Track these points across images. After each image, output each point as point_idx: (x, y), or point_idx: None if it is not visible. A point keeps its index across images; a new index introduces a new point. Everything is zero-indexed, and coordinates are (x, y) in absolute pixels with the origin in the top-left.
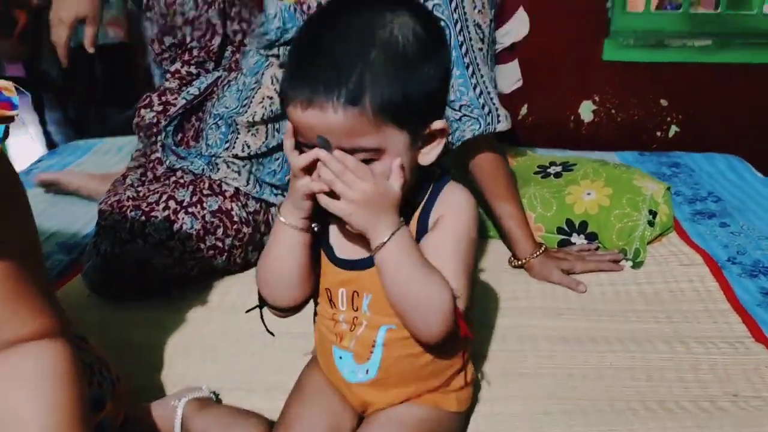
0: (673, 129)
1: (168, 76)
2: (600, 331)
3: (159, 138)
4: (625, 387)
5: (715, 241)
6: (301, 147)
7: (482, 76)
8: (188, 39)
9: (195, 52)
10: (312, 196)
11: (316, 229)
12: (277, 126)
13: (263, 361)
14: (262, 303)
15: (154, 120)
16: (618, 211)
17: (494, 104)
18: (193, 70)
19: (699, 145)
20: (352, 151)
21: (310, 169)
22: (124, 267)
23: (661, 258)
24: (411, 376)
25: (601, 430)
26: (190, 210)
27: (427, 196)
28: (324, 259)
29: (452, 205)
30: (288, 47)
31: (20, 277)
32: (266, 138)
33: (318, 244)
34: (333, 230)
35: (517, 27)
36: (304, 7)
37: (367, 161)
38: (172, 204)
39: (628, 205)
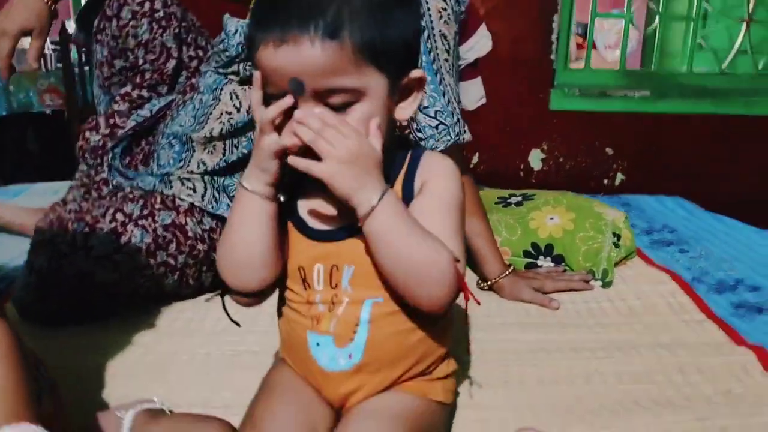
0: (619, 176)
1: (117, 98)
2: (580, 342)
3: (105, 159)
4: (614, 390)
5: (678, 264)
6: (269, 100)
7: (448, 85)
8: (141, 62)
9: (147, 75)
10: (281, 157)
11: (282, 199)
12: (235, 141)
13: (221, 380)
14: (225, 290)
15: (100, 143)
16: (582, 233)
17: (459, 115)
18: (144, 93)
19: (644, 190)
20: (329, 93)
21: (279, 127)
22: (62, 283)
23: (629, 278)
24: (398, 357)
25: (598, 430)
26: (140, 222)
27: (407, 163)
28: (295, 235)
29: (437, 170)
30: (249, 63)
31: None
32: (224, 154)
33: (283, 220)
34: (302, 201)
35: (481, 42)
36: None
37: (345, 105)
38: (119, 216)
39: (591, 228)
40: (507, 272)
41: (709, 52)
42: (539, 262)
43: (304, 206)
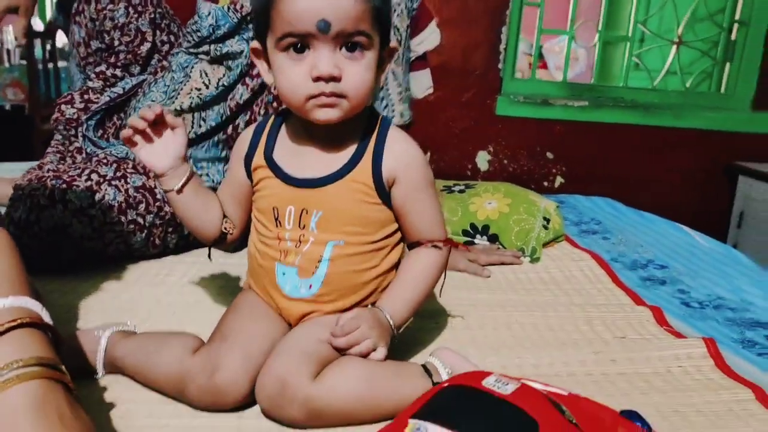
0: (558, 179)
1: (92, 76)
2: (505, 301)
3: (80, 130)
4: (529, 334)
5: (599, 248)
6: (286, 38)
7: (393, 72)
8: (116, 43)
9: (122, 56)
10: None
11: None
12: (203, 115)
13: (185, 320)
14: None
15: (75, 116)
16: (516, 216)
17: (391, 100)
18: (118, 72)
19: (580, 193)
20: (353, 34)
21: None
22: (39, 234)
23: (555, 256)
24: (351, 290)
25: (509, 359)
26: (113, 183)
27: (374, 137)
28: (272, 179)
29: (407, 160)
30: (219, 44)
31: None
32: (192, 126)
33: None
34: (279, 150)
35: (430, 37)
36: (237, 6)
37: (361, 48)
38: (95, 177)
39: (525, 212)
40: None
41: (645, 71)
42: (476, 241)
43: (280, 154)
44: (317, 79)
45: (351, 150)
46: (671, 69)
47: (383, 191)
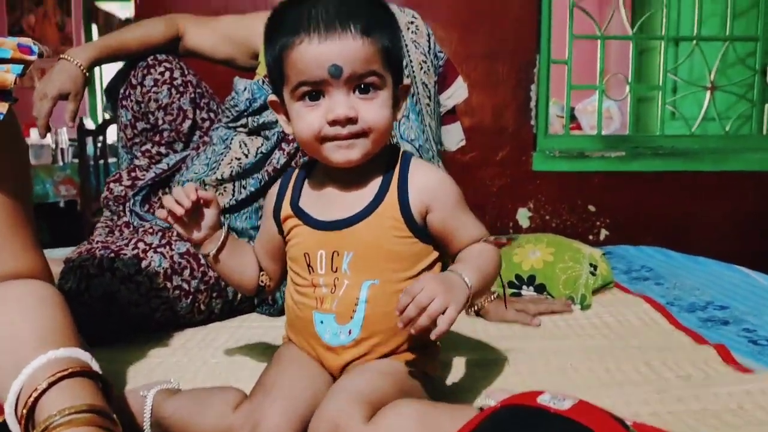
0: (603, 232)
1: (138, 154)
2: (558, 347)
3: (127, 205)
4: (585, 377)
5: (653, 293)
6: (301, 87)
7: (428, 126)
8: (160, 122)
9: (165, 134)
10: (178, 219)
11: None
12: (243, 183)
13: (230, 381)
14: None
15: (122, 193)
16: (562, 264)
17: (435, 152)
18: (162, 150)
19: (627, 244)
20: (365, 75)
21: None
22: (89, 302)
23: (607, 302)
24: (393, 332)
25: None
26: (159, 250)
27: (397, 171)
28: (301, 227)
29: (434, 186)
30: (257, 116)
31: (14, 212)
32: (233, 194)
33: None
34: (305, 198)
35: (458, 91)
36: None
37: (374, 88)
38: (141, 245)
39: (570, 260)
40: (492, 297)
41: (681, 120)
42: (523, 292)
43: (307, 202)
44: (333, 123)
45: (375, 187)
46: (708, 115)
47: (414, 224)
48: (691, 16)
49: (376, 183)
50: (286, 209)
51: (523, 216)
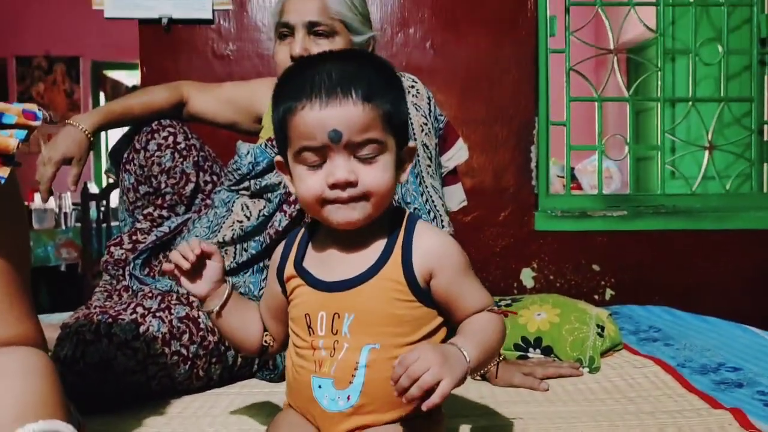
0: (609, 292)
1: (140, 218)
2: (567, 412)
3: (127, 269)
4: None
5: (663, 355)
6: (303, 153)
7: (428, 187)
8: (163, 186)
9: (168, 197)
10: (176, 276)
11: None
12: (245, 245)
13: None
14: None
15: (123, 256)
16: (568, 326)
17: (438, 211)
18: (164, 213)
19: (633, 304)
20: (364, 143)
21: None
22: (85, 370)
23: (616, 364)
24: (392, 400)
25: None
26: (157, 315)
27: (402, 234)
28: (302, 287)
29: (439, 252)
30: (259, 179)
31: (11, 280)
32: (234, 257)
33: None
34: (309, 258)
35: (458, 153)
36: (274, 142)
37: (373, 157)
38: (139, 310)
39: (576, 321)
40: (498, 360)
41: (681, 179)
42: (530, 354)
43: (310, 261)
44: (333, 186)
45: (379, 248)
46: (708, 174)
47: (417, 288)
48: (686, 78)
49: (380, 245)
50: (289, 269)
51: (527, 276)
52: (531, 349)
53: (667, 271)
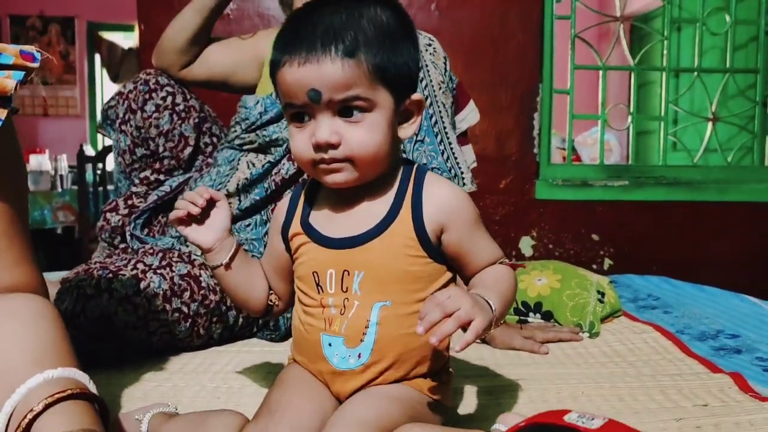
0: (607, 261)
1: (137, 182)
2: (569, 375)
3: (127, 229)
4: (599, 406)
5: (662, 321)
6: (288, 110)
7: (450, 144)
8: (161, 149)
9: (165, 162)
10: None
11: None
12: (247, 192)
13: (229, 405)
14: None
15: (120, 223)
16: (569, 291)
17: (460, 168)
18: (161, 177)
19: (632, 273)
20: (347, 100)
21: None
22: (85, 325)
23: (615, 330)
24: (405, 357)
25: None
26: (158, 271)
27: (411, 187)
28: (309, 244)
29: (452, 205)
30: (265, 130)
31: (10, 222)
32: (239, 204)
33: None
34: (315, 215)
35: (470, 114)
36: None
37: (360, 110)
38: (140, 266)
39: (577, 287)
40: (499, 323)
41: (683, 152)
42: (530, 319)
43: (316, 218)
44: (316, 147)
45: (387, 202)
46: (710, 146)
47: (428, 243)
48: (691, 49)
49: (388, 199)
50: (295, 226)
51: (526, 244)
52: (531, 314)
53: (667, 242)
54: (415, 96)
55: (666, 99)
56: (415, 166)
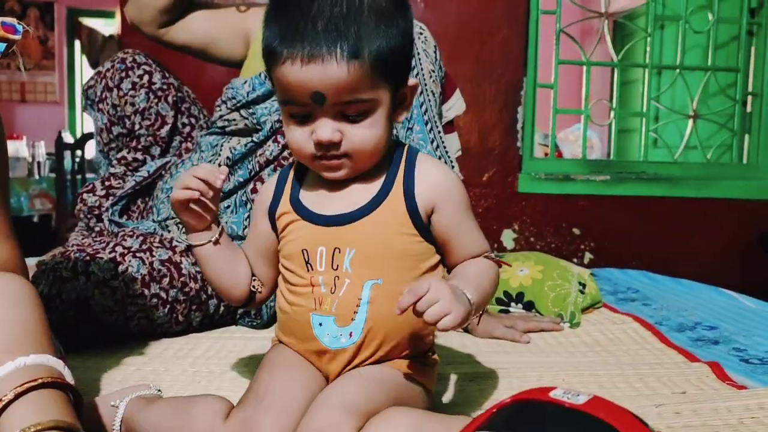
0: (588, 255)
1: (114, 162)
2: (549, 363)
3: (105, 215)
4: None
5: (642, 313)
6: (288, 105)
7: (439, 132)
8: (137, 127)
9: (142, 140)
10: (189, 207)
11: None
12: (231, 172)
13: (211, 389)
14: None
15: (96, 203)
16: (551, 282)
17: (449, 157)
18: (139, 156)
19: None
20: (350, 103)
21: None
22: (61, 308)
23: (596, 320)
24: (396, 335)
25: None
26: (138, 255)
27: (402, 166)
28: (299, 222)
29: (443, 186)
30: (252, 110)
31: None
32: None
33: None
34: (305, 194)
35: (457, 104)
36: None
37: (361, 114)
38: (119, 249)
39: (559, 278)
40: (480, 313)
41: (664, 149)
42: (511, 309)
43: (306, 197)
44: (318, 145)
45: (379, 181)
46: (690, 144)
47: (419, 221)
48: (674, 47)
49: (380, 177)
50: (284, 205)
51: (507, 237)
52: (513, 304)
53: (647, 236)
54: (411, 82)
55: (648, 95)
56: (406, 146)
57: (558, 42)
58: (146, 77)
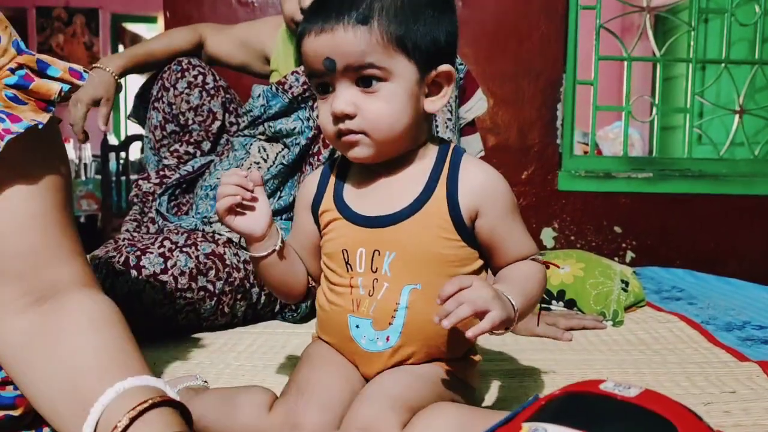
0: (630, 254)
1: (167, 154)
2: (593, 361)
3: (154, 204)
4: None
5: (687, 312)
6: (313, 78)
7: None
8: (190, 122)
9: (195, 134)
10: (233, 212)
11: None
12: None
13: (257, 379)
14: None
15: (151, 190)
16: (593, 280)
17: None
18: (190, 149)
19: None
20: (362, 67)
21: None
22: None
23: (639, 319)
24: (433, 341)
25: None
26: (184, 250)
27: (448, 164)
28: (340, 221)
29: (489, 189)
30: (272, 122)
31: (63, 216)
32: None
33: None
34: (348, 191)
35: (478, 105)
36: (285, 87)
37: (377, 80)
38: (167, 244)
39: (601, 276)
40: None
41: (708, 145)
42: (552, 307)
43: (348, 194)
44: (334, 117)
45: (422, 183)
46: (737, 139)
47: (462, 225)
48: (718, 41)
49: (423, 177)
50: (326, 202)
51: (547, 236)
52: (554, 302)
53: (690, 235)
54: (443, 67)
55: (692, 90)
56: (452, 146)
57: (598, 38)
58: (200, 77)
